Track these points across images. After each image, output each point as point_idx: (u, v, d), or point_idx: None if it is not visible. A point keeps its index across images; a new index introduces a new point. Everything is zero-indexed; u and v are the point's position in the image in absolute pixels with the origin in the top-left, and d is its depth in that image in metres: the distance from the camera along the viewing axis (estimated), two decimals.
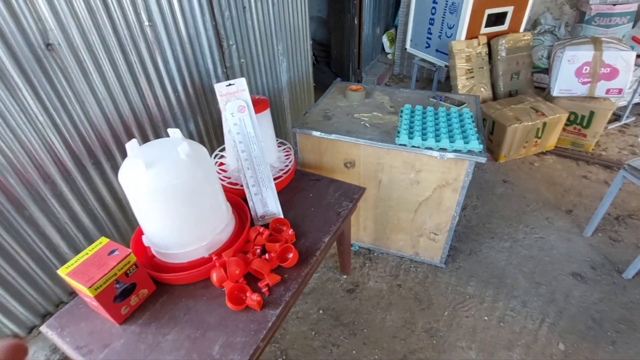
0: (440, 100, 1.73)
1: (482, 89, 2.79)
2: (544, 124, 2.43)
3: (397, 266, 1.81)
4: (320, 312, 1.61)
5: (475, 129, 1.40)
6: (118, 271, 0.89)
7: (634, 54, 2.32)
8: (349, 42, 3.52)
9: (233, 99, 1.16)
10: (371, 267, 1.82)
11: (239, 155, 1.19)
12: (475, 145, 1.30)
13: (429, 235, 1.68)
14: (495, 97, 2.89)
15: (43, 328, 0.95)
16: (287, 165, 1.38)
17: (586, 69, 2.41)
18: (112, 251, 0.91)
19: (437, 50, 3.02)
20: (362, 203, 1.70)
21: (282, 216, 1.24)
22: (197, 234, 1.01)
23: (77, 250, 1.29)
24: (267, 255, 1.06)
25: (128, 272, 0.92)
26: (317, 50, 4.65)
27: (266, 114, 1.31)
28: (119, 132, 1.33)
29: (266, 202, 1.24)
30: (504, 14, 2.75)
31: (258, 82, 2.09)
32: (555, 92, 2.55)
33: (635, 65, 2.74)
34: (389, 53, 4.09)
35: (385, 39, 4.03)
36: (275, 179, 1.32)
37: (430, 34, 3.04)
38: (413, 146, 1.37)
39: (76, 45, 1.14)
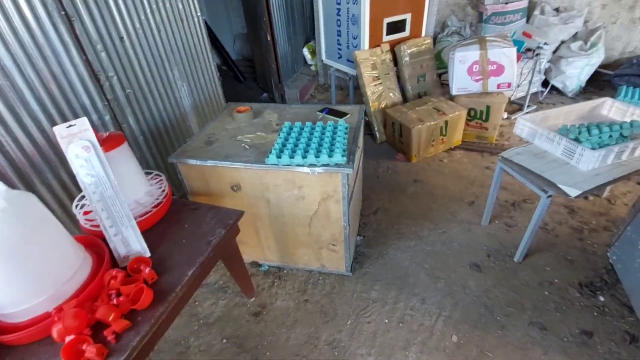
0: (326, 114, 1.78)
1: (390, 94, 2.90)
2: (446, 122, 2.57)
3: (305, 281, 1.82)
4: (224, 341, 1.58)
5: (345, 142, 1.44)
6: None
7: (514, 49, 2.52)
8: (267, 57, 3.55)
9: (76, 140, 1.11)
10: (280, 285, 1.81)
11: (91, 197, 1.14)
12: (339, 158, 1.35)
13: (328, 247, 1.71)
14: (405, 100, 3.03)
15: None
16: (157, 199, 1.35)
17: (476, 68, 2.58)
18: None
19: (347, 60, 3.12)
20: (259, 223, 1.70)
21: (148, 254, 1.21)
22: (31, 289, 0.95)
23: None
24: (115, 300, 1.02)
25: None
26: (244, 66, 4.66)
27: (122, 150, 1.27)
28: None
29: (128, 242, 1.19)
30: (403, 21, 2.90)
31: (153, 110, 2.04)
32: (454, 91, 2.71)
33: (527, 57, 2.98)
34: (311, 65, 4.18)
35: (306, 52, 4.11)
36: (142, 215, 1.29)
37: (340, 44, 3.13)
38: (284, 165, 1.39)
39: None
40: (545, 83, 3.49)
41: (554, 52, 3.48)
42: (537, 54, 2.92)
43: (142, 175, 1.37)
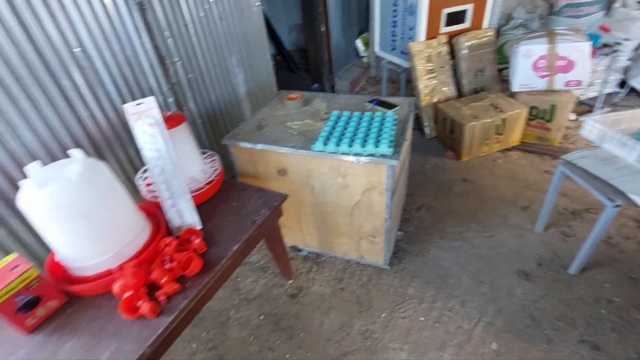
0: (375, 105, 1.76)
1: (444, 88, 2.79)
2: (504, 120, 2.42)
3: (343, 270, 1.84)
4: (261, 317, 1.65)
5: (393, 133, 1.42)
6: (18, 285, 0.96)
7: (588, 44, 2.29)
8: (320, 48, 3.57)
9: (143, 117, 1.22)
10: (317, 271, 1.85)
11: (153, 171, 1.25)
12: (385, 149, 1.33)
13: (368, 238, 1.70)
14: (461, 95, 2.89)
15: None
16: (211, 177, 1.44)
17: (542, 63, 2.38)
18: (15, 267, 0.98)
19: (401, 52, 3.04)
20: (302, 209, 1.74)
21: (199, 227, 1.30)
22: (99, 247, 1.07)
23: None
24: (168, 265, 1.12)
25: (30, 285, 0.99)
26: (297, 57, 4.72)
27: (182, 129, 1.36)
28: (55, 155, 1.41)
29: (182, 214, 1.29)
30: (464, 12, 2.75)
31: (211, 95, 2.16)
32: (515, 88, 2.53)
33: (602, 54, 2.70)
34: (363, 57, 4.12)
35: (359, 43, 4.06)
36: (196, 190, 1.38)
37: (395, 36, 3.06)
38: (330, 152, 1.41)
39: (1, 77, 1.22)
40: (622, 83, 3.13)
41: (636, 49, 3.09)
42: (615, 51, 2.62)
43: (198, 153, 1.47)
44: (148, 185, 1.42)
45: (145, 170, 1.48)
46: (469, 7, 2.74)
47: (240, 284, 1.82)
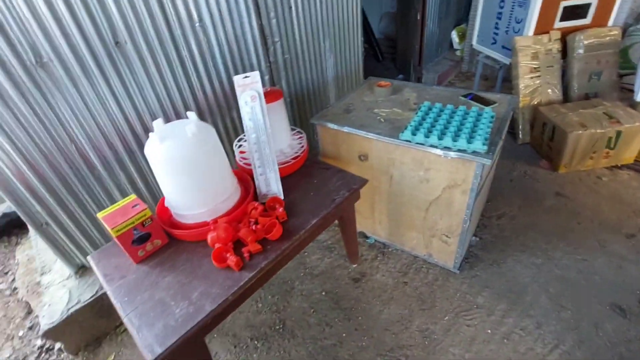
0: (470, 99, 1.66)
1: (549, 90, 2.51)
2: (618, 133, 2.10)
3: (408, 264, 1.81)
4: (323, 293, 1.72)
5: (488, 130, 1.34)
6: (135, 220, 1.14)
7: None
8: (412, 37, 3.46)
9: (248, 89, 1.33)
10: (382, 261, 1.85)
11: (249, 139, 1.36)
12: (479, 146, 1.26)
13: (441, 237, 1.65)
14: (567, 99, 2.57)
15: (88, 258, 1.26)
16: (297, 152, 1.51)
17: None
18: (135, 205, 1.17)
19: (503, 47, 2.80)
20: (376, 196, 1.74)
21: (281, 196, 1.38)
22: (200, 200, 1.21)
23: None
24: (254, 227, 1.22)
25: (144, 223, 1.16)
26: (385, 45, 4.64)
27: (278, 105, 1.45)
28: (170, 114, 1.61)
29: (269, 182, 1.39)
30: (586, 6, 2.42)
31: (302, 77, 2.25)
32: (639, 97, 2.17)
33: None
34: (457, 50, 3.88)
35: (454, 35, 3.83)
36: (283, 163, 1.47)
37: (498, 29, 2.83)
38: (417, 143, 1.38)
39: (138, 42, 1.43)
40: None
41: None
42: None
43: (288, 129, 1.55)
44: (241, 152, 1.55)
45: (240, 139, 1.62)
46: (593, 1, 2.40)
47: (307, 259, 1.91)
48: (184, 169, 1.14)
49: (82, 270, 1.65)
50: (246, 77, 1.32)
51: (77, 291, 1.58)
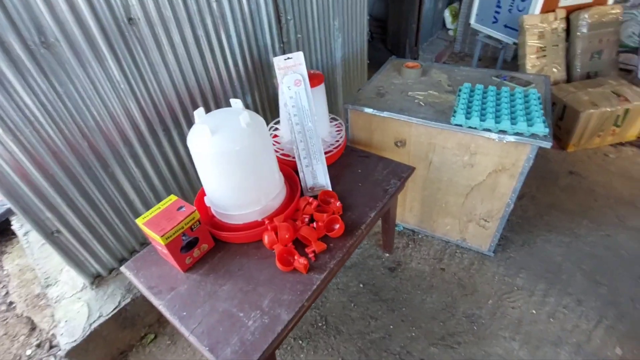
0: (504, 80, 1.62)
1: (554, 69, 2.54)
2: (626, 110, 2.17)
3: (442, 250, 1.79)
4: (360, 285, 1.66)
5: (542, 112, 1.30)
6: (185, 225, 1.00)
7: None
8: (407, 16, 3.37)
9: (290, 72, 1.19)
10: (414, 248, 1.81)
11: (293, 128, 1.23)
12: (541, 128, 1.22)
13: (479, 221, 1.63)
14: (569, 78, 2.62)
15: (122, 268, 1.11)
16: (337, 141, 1.41)
17: None
18: (180, 207, 1.02)
19: (505, 26, 2.79)
20: (410, 184, 1.68)
21: (330, 189, 1.28)
22: (252, 197, 1.09)
23: (147, 205, 1.46)
24: (314, 224, 1.12)
25: (193, 227, 1.02)
26: (373, 26, 4.51)
27: (320, 89, 1.33)
28: (185, 101, 1.44)
29: (316, 174, 1.28)
30: None
31: (313, 58, 2.11)
32: None
33: None
34: (450, 29, 3.85)
35: (447, 14, 3.79)
36: (325, 152, 1.36)
37: (500, 7, 2.80)
38: (470, 127, 1.32)
39: (153, 20, 1.24)
40: None
41: None
42: None
43: (327, 115, 1.44)
44: (276, 142, 1.42)
45: (271, 128, 1.48)
46: None
47: None
48: (238, 164, 1.00)
49: (98, 279, 1.48)
50: (288, 58, 1.18)
51: (96, 304, 1.41)
